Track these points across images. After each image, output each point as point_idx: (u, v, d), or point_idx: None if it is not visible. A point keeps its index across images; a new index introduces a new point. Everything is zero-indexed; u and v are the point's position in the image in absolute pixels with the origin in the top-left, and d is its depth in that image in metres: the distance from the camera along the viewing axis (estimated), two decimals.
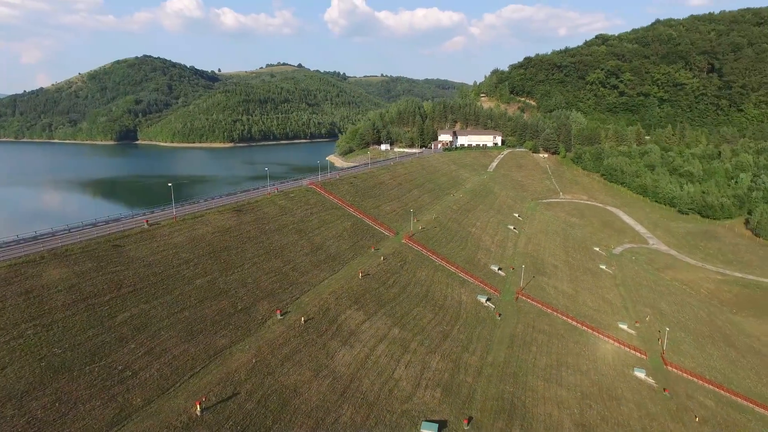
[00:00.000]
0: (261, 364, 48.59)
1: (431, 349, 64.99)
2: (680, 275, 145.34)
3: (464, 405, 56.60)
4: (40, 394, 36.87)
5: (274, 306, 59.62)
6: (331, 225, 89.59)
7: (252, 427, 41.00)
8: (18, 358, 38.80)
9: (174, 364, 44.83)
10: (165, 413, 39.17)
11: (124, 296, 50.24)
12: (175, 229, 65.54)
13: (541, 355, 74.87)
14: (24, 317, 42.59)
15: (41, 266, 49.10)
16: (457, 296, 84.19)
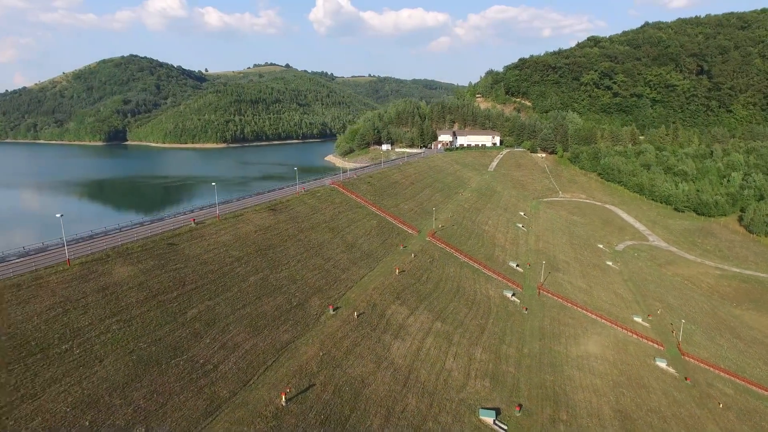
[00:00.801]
0: (327, 357, 50.15)
1: (473, 342, 67.28)
2: (681, 271, 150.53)
3: (512, 393, 59.02)
4: (138, 385, 37.95)
5: (325, 302, 61.14)
6: (359, 223, 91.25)
7: (333, 416, 42.62)
8: (111, 352, 39.76)
9: (248, 358, 46.11)
10: (253, 404, 40.54)
11: (189, 293, 51.27)
12: (220, 228, 66.53)
13: (570, 346, 77.82)
14: (106, 313, 43.46)
15: (109, 264, 49.85)
16: (485, 291, 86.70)
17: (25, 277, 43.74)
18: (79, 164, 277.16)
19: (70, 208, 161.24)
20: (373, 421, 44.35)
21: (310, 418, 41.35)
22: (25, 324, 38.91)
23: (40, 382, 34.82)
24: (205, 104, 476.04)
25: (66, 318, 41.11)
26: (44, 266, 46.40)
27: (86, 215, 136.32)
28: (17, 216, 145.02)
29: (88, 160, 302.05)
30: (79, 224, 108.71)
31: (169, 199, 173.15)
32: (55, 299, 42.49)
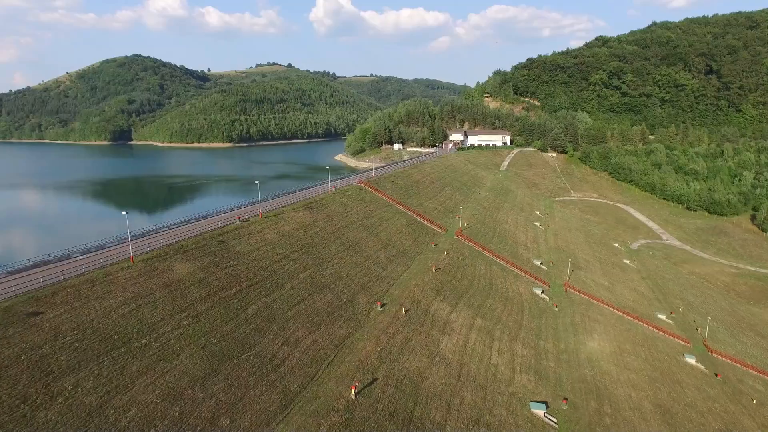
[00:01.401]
0: (384, 351, 51.12)
1: (512, 337, 68.31)
2: (697, 269, 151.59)
3: (556, 387, 60.03)
4: (216, 379, 38.87)
5: (371, 298, 62.09)
6: (390, 222, 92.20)
7: (399, 409, 43.58)
8: (186, 346, 40.68)
9: (310, 353, 47.04)
10: (323, 397, 41.48)
11: (247, 290, 52.19)
12: (264, 226, 67.44)
13: (602, 342, 78.79)
14: (175, 309, 44.37)
15: (168, 261, 50.76)
16: (516, 288, 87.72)
17: (96, 274, 44.65)
18: (91, 164, 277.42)
19: (101, 208, 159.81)
20: (435, 414, 45.34)
21: (379, 410, 42.33)
22: (105, 318, 39.82)
23: (129, 374, 35.74)
24: (211, 104, 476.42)
25: (140, 313, 42.02)
26: (110, 263, 47.28)
27: (117, 214, 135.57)
28: (55, 215, 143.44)
29: (98, 160, 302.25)
30: (118, 222, 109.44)
31: (194, 198, 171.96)
32: (126, 295, 43.39)
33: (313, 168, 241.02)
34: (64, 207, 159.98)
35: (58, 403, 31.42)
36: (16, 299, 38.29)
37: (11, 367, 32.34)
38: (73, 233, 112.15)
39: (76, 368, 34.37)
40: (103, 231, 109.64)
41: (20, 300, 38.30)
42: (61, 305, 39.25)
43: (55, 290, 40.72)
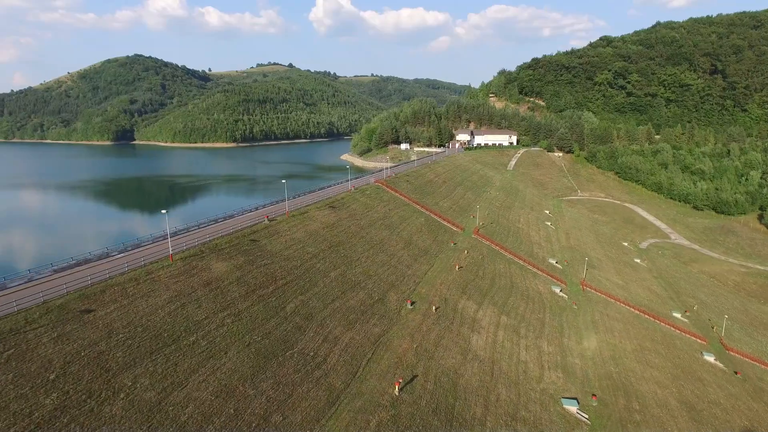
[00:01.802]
0: (420, 349, 51.61)
1: (537, 335, 68.83)
2: (706, 268, 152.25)
3: (583, 384, 60.53)
4: (264, 376, 39.31)
5: (400, 296, 62.56)
6: (409, 221, 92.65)
7: (441, 405, 44.08)
8: (232, 344, 41.10)
9: (349, 351, 47.49)
10: (368, 394, 41.95)
11: (282, 288, 52.62)
12: (292, 225, 67.85)
13: (623, 340, 79.37)
14: (217, 307, 44.79)
15: (205, 260, 51.16)
16: (535, 287, 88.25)
17: (138, 272, 45.04)
18: (97, 164, 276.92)
19: (117, 208, 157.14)
20: (475, 410, 45.84)
21: (422, 406, 42.81)
22: (153, 316, 40.23)
23: (182, 371, 36.16)
24: (214, 104, 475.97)
25: (185, 311, 42.42)
26: (150, 262, 47.66)
27: (134, 214, 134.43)
28: (73, 214, 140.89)
29: (104, 160, 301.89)
30: (138, 221, 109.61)
31: (209, 197, 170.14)
32: (170, 293, 43.79)
33: (321, 168, 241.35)
34: (80, 207, 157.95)
35: (120, 398, 31.85)
36: (67, 297, 38.68)
37: (73, 362, 32.76)
38: (96, 232, 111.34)
39: (132, 365, 34.78)
40: (125, 230, 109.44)
41: (72, 297, 38.69)
42: (110, 303, 39.65)
43: (103, 288, 41.10)
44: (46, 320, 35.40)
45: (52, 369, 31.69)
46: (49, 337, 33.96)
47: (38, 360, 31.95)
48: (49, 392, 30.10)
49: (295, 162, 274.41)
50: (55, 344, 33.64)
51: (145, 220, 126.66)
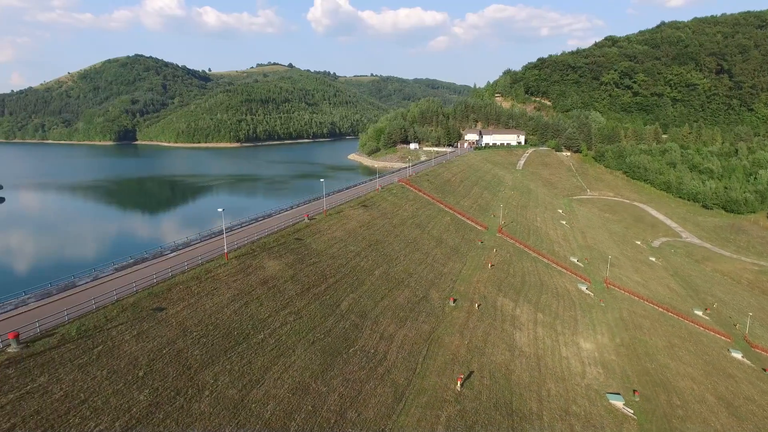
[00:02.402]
0: (471, 345, 52.09)
1: (573, 332, 69.42)
2: (719, 266, 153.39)
3: (623, 380, 61.11)
4: (333, 373, 39.68)
5: (441, 294, 63.03)
6: (436, 220, 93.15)
7: (500, 400, 44.58)
8: (297, 342, 41.45)
9: (405, 348, 47.91)
10: (431, 390, 42.39)
11: (334, 286, 52.98)
12: (331, 224, 68.21)
13: (653, 337, 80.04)
14: (278, 305, 45.12)
15: (258, 258, 51.47)
16: (563, 285, 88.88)
17: (198, 271, 45.30)
18: (104, 163, 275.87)
19: (139, 207, 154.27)
20: (531, 405, 46.35)
21: (483, 401, 43.30)
22: (220, 315, 40.53)
23: (257, 369, 36.49)
24: (216, 103, 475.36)
25: (249, 310, 42.74)
26: (206, 260, 47.92)
27: (163, 213, 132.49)
28: (97, 214, 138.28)
29: (110, 160, 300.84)
30: (170, 220, 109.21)
31: (232, 197, 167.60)
32: (232, 292, 44.09)
33: (332, 168, 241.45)
34: (101, 206, 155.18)
35: (206, 396, 32.16)
36: (138, 295, 38.94)
37: (157, 360, 33.05)
38: (123, 232, 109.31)
39: (211, 363, 35.09)
40: (152, 229, 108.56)
41: (142, 296, 38.96)
42: (179, 301, 39.93)
43: (169, 286, 41.37)
44: (124, 318, 35.68)
45: (140, 366, 31.98)
46: (130, 335, 34.24)
47: (125, 357, 32.22)
48: (141, 389, 30.39)
49: (303, 162, 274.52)
50: (137, 342, 33.92)
51: (170, 218, 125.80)
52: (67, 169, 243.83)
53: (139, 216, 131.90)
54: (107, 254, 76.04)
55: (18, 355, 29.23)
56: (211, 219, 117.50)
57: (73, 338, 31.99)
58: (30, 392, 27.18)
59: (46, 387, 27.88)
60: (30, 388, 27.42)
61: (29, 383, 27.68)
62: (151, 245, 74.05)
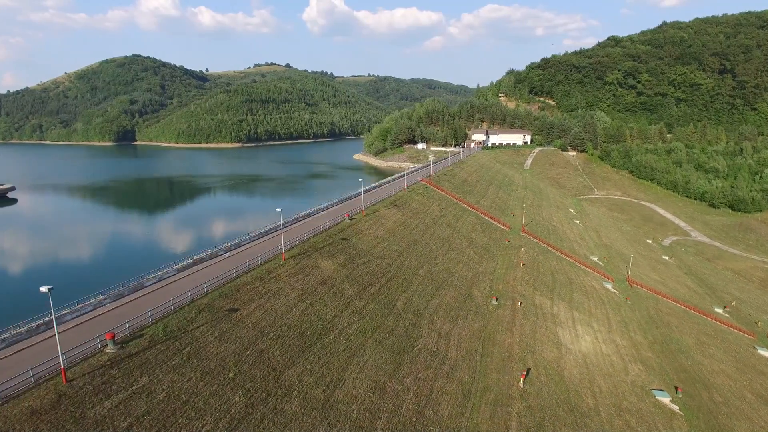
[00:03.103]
0: (522, 343, 52.51)
1: (608, 330, 70.05)
2: (730, 265, 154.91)
3: (663, 377, 61.81)
4: (404, 372, 39.95)
5: (483, 293, 63.42)
6: (463, 219, 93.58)
7: (560, 397, 45.02)
8: (365, 342, 41.67)
9: (462, 346, 48.26)
10: (496, 387, 42.76)
11: (386, 286, 53.22)
12: (371, 223, 68.43)
13: (682, 335, 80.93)
14: (340, 305, 45.30)
15: (312, 258, 51.59)
16: (589, 283, 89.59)
17: (259, 271, 45.38)
18: (111, 164, 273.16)
19: (168, 207, 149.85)
20: (587, 401, 46.85)
21: (545, 397, 43.73)
22: (290, 315, 40.66)
23: (335, 369, 36.69)
24: (217, 104, 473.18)
25: (314, 310, 42.90)
26: (265, 261, 47.99)
27: (187, 213, 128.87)
28: (118, 215, 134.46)
29: (116, 160, 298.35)
30: (194, 219, 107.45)
31: (252, 197, 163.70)
32: (296, 292, 44.22)
33: (341, 167, 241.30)
34: (120, 207, 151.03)
35: (294, 396, 32.34)
36: (209, 296, 38.98)
37: (243, 361, 33.17)
38: (157, 233, 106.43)
39: (291, 363, 35.25)
40: (181, 228, 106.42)
41: (214, 296, 39.01)
42: (249, 302, 40.02)
43: (236, 287, 41.44)
44: (203, 319, 35.75)
45: (228, 367, 32.08)
46: (212, 336, 34.32)
47: (213, 358, 32.31)
48: (235, 390, 30.52)
49: (309, 162, 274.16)
50: (220, 343, 34.01)
51: (198, 219, 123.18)
52: (74, 170, 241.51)
53: (165, 216, 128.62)
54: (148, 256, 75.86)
55: (117, 356, 29.29)
56: (240, 219, 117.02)
57: (161, 339, 32.05)
58: (137, 393, 27.27)
59: (149, 388, 27.97)
60: (136, 388, 27.51)
61: (133, 384, 27.77)
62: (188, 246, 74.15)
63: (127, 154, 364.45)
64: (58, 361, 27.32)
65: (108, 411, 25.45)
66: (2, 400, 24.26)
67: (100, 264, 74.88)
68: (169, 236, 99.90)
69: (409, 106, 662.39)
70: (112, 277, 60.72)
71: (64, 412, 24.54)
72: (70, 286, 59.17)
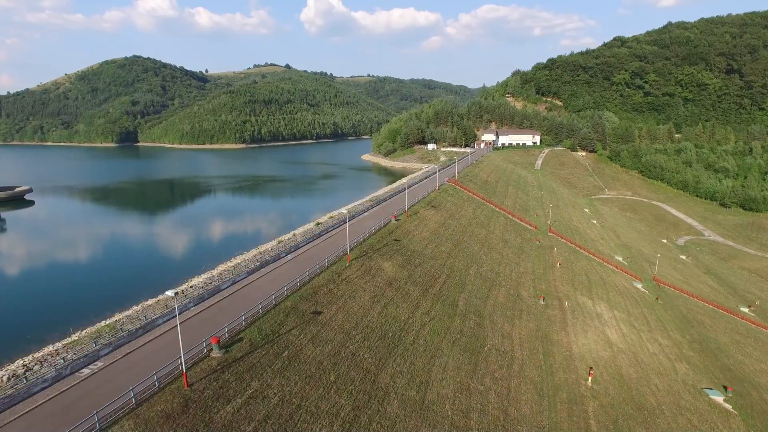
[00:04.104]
0: (578, 342, 52.96)
1: (649, 328, 70.61)
2: (745, 264, 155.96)
3: (707, 375, 62.39)
4: (482, 372, 40.29)
5: (529, 293, 63.84)
6: (493, 220, 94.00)
7: (625, 395, 45.46)
8: (440, 342, 41.99)
9: (525, 346, 48.62)
10: (566, 385, 43.19)
11: (445, 286, 53.57)
12: (416, 224, 68.74)
13: (717, 334, 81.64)
14: (410, 307, 45.60)
15: (373, 260, 51.84)
16: (621, 283, 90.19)
17: (328, 273, 45.59)
18: (121, 165, 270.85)
19: (194, 207, 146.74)
20: (650, 400, 47.33)
21: (613, 396, 44.19)
22: (368, 317, 40.91)
23: (421, 370, 36.98)
24: (220, 105, 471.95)
25: (389, 311, 43.16)
26: (330, 263, 48.19)
27: (219, 214, 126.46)
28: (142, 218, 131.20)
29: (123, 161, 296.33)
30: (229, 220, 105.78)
31: (274, 199, 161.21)
32: (368, 294, 44.48)
33: (352, 168, 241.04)
34: (148, 208, 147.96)
35: (393, 398, 32.64)
36: (290, 299, 39.17)
37: (339, 364, 33.41)
38: (193, 234, 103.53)
39: (381, 365, 35.54)
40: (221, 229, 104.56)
41: (295, 300, 39.22)
42: (329, 304, 40.25)
43: (313, 289, 41.66)
44: (292, 322, 35.96)
45: (327, 370, 32.33)
46: (305, 339, 34.55)
47: (311, 362, 32.54)
48: (339, 393, 30.77)
49: (317, 162, 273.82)
50: (315, 346, 34.24)
51: (227, 217, 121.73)
52: (84, 171, 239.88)
53: (198, 217, 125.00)
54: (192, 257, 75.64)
55: (224, 360, 29.49)
56: (274, 219, 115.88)
57: (260, 343, 32.25)
58: (252, 397, 27.48)
59: (263, 392, 28.19)
60: (250, 393, 27.72)
61: (247, 388, 27.98)
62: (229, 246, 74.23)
63: (132, 155, 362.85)
64: (176, 365, 27.54)
65: (232, 416, 25.68)
66: (136, 403, 24.44)
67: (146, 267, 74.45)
68: (208, 237, 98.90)
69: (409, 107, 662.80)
70: (161, 280, 60.99)
71: (193, 416, 24.76)
72: (125, 290, 59.08)
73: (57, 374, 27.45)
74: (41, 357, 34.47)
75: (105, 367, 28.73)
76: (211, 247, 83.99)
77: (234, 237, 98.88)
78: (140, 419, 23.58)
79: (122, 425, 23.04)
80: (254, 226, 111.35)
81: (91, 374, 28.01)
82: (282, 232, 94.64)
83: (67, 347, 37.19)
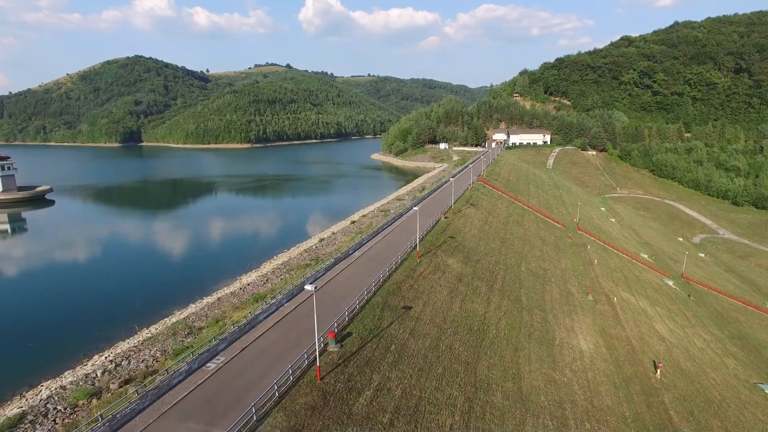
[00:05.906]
0: (634, 336, 54.14)
1: (690, 324, 71.93)
2: (762, 262, 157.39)
3: (756, 370, 63.62)
4: (562, 365, 41.47)
5: (577, 289, 64.88)
6: (526, 218, 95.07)
7: (689, 388, 46.56)
8: (516, 336, 43.09)
9: (588, 340, 49.72)
10: (636, 378, 44.30)
11: (505, 282, 54.57)
12: (463, 221, 69.81)
13: (754, 330, 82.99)
14: (483, 302, 46.62)
15: (439, 257, 52.84)
16: (653, 280, 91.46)
17: (403, 270, 46.50)
18: (130, 165, 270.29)
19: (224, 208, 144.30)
20: (714, 393, 48.51)
21: (681, 388, 45.41)
22: (451, 312, 41.89)
23: (509, 363, 38.00)
24: (224, 104, 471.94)
25: (467, 307, 44.16)
26: (402, 259, 49.08)
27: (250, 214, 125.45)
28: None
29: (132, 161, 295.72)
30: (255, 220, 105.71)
31: (298, 198, 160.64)
32: (445, 290, 45.47)
33: (365, 167, 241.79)
34: (171, 208, 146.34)
35: (494, 390, 33.74)
36: (379, 294, 40.09)
37: (442, 357, 34.46)
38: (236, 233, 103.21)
39: (476, 358, 36.61)
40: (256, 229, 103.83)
41: (384, 295, 40.15)
42: (415, 299, 41.21)
43: (396, 285, 42.62)
44: (388, 317, 36.89)
45: (433, 363, 33.35)
46: (406, 333, 35.53)
47: (417, 355, 33.53)
48: (451, 385, 31.85)
49: (327, 162, 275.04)
50: (415, 340, 35.20)
51: (258, 215, 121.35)
52: (95, 171, 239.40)
53: (227, 215, 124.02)
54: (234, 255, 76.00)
55: (342, 354, 30.40)
56: (301, 219, 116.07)
57: (368, 338, 33.18)
58: (379, 390, 28.42)
59: (386, 385, 29.13)
60: (375, 386, 28.67)
61: (371, 381, 28.94)
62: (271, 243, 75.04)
63: (138, 155, 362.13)
64: (301, 359, 28.42)
65: (368, 408, 26.62)
66: (280, 395, 25.30)
67: (193, 265, 74.62)
68: (244, 236, 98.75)
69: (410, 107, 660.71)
70: (211, 278, 61.76)
71: (334, 408, 25.67)
72: (185, 287, 59.74)
73: (188, 368, 28.30)
74: (123, 353, 35.50)
75: (228, 362, 29.57)
76: (251, 247, 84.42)
77: (269, 236, 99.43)
78: (288, 411, 24.47)
79: (275, 416, 23.92)
80: (284, 225, 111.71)
81: (217, 368, 28.89)
82: (315, 231, 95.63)
83: (146, 344, 38.18)
